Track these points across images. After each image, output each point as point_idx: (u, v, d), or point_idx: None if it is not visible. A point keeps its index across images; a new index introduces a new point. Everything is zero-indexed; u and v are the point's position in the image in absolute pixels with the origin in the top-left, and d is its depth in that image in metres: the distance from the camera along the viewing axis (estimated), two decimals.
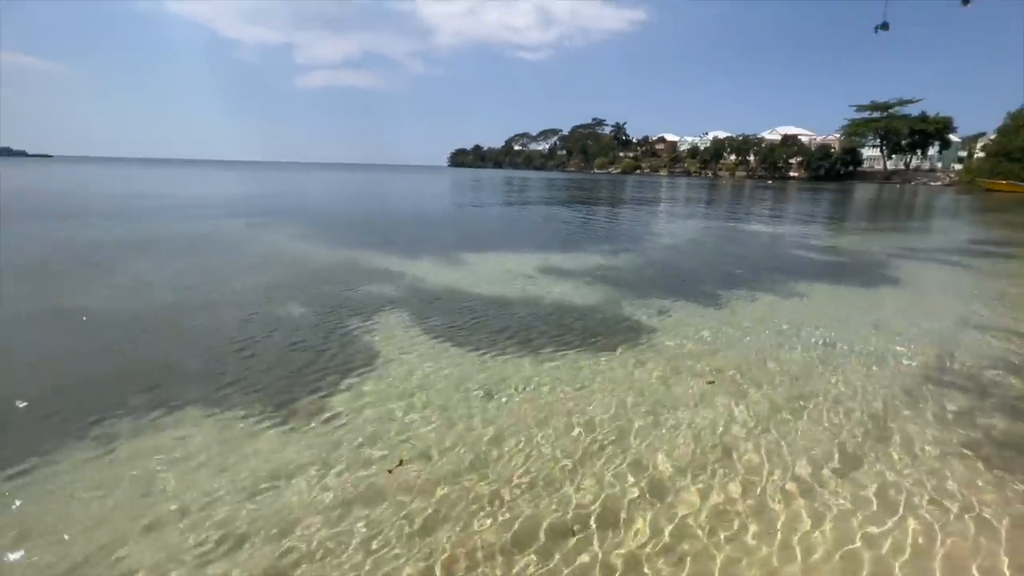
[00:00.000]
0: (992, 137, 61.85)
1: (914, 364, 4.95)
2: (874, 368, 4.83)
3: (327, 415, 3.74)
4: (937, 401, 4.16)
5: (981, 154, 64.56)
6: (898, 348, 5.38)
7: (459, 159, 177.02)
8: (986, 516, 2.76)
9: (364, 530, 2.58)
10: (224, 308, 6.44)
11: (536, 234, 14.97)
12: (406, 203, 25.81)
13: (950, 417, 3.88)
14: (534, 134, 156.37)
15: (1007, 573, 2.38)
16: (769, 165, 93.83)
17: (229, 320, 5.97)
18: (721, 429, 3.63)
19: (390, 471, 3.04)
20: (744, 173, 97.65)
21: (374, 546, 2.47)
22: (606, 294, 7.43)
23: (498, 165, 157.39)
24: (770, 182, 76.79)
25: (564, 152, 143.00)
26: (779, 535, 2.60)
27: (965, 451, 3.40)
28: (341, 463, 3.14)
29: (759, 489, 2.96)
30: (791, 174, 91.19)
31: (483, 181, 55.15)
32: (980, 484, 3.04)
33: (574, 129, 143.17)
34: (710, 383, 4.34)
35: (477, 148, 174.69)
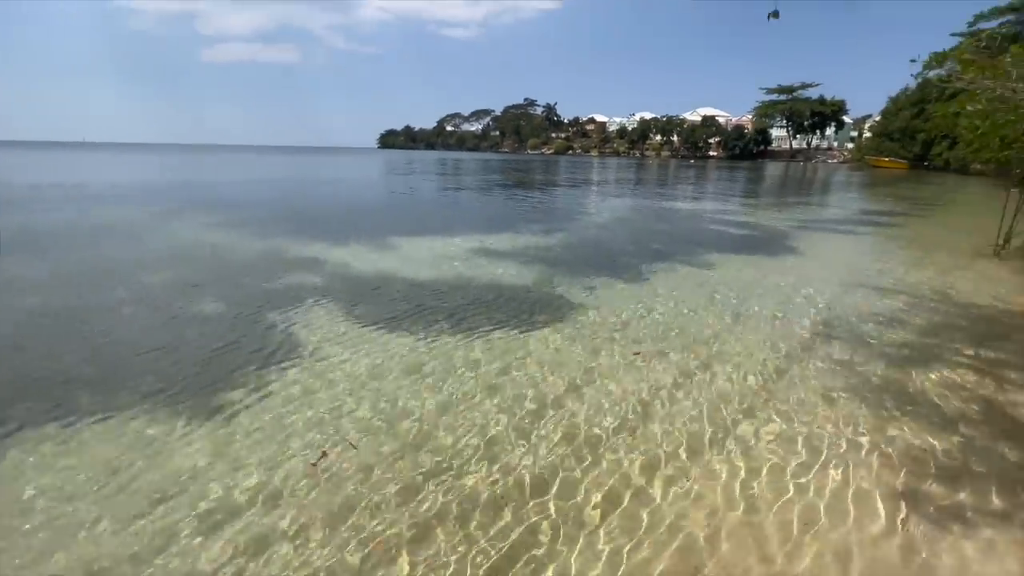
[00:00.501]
0: (877, 119, 69.08)
1: (810, 322, 5.52)
2: (776, 327, 5.33)
3: (245, 412, 3.54)
4: (828, 353, 4.67)
5: (869, 134, 72.06)
6: (797, 309, 5.97)
7: (389, 141, 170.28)
8: (868, 450, 3.17)
9: (287, 526, 2.50)
10: (131, 307, 5.85)
11: (470, 216, 14.86)
12: (333, 187, 24.55)
13: (838, 366, 4.39)
14: (466, 115, 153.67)
15: (882, 501, 2.77)
16: (691, 145, 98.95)
17: (137, 320, 5.45)
18: (646, 395, 3.87)
19: (313, 464, 2.96)
20: (669, 153, 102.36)
21: (299, 542, 2.41)
22: (538, 273, 7.56)
23: (430, 146, 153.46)
24: (692, 161, 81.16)
25: (497, 133, 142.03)
26: (694, 485, 2.84)
27: (851, 394, 3.87)
28: (261, 460, 3.00)
29: (685, 443, 3.20)
30: (711, 153, 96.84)
31: (415, 163, 53.68)
32: (862, 422, 3.48)
33: (506, 109, 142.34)
34: (636, 354, 4.57)
35: (408, 129, 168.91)
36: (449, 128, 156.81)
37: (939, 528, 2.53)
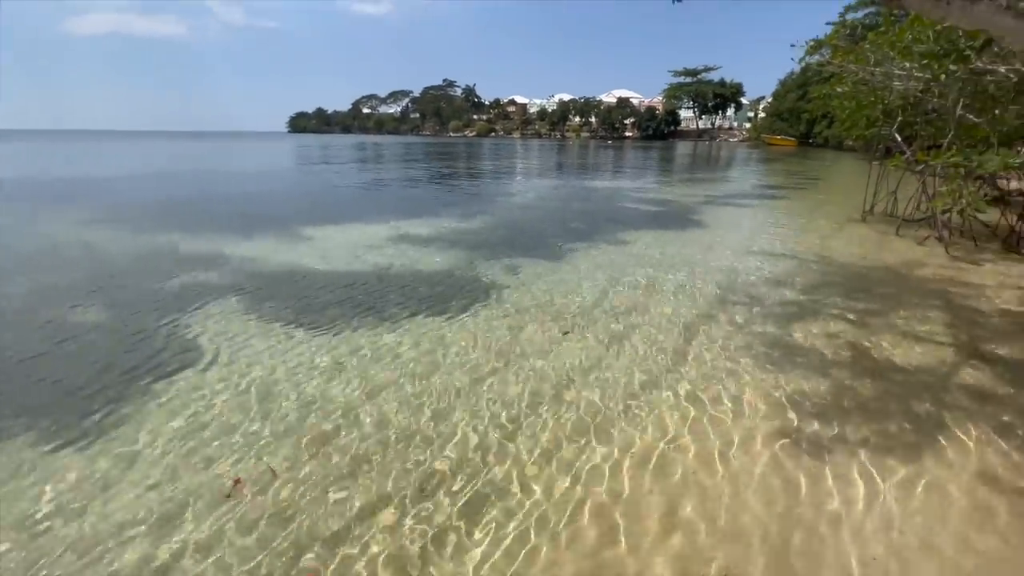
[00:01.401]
0: (769, 100, 75.59)
1: (714, 288, 5.99)
2: (685, 295, 5.73)
3: (135, 432, 3.21)
4: (729, 315, 5.11)
5: (763, 114, 78.75)
6: (703, 277, 6.44)
7: (300, 124, 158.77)
8: (759, 396, 3.52)
9: (193, 559, 2.31)
10: None
11: (390, 203, 14.34)
12: (236, 175, 22.54)
13: (736, 326, 4.81)
14: (383, 96, 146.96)
15: (768, 438, 3.09)
16: (608, 126, 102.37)
17: (3, 333, 4.69)
18: (571, 368, 4.00)
19: (227, 495, 2.75)
20: (588, 134, 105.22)
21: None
22: (460, 257, 7.51)
23: (346, 130, 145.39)
24: (610, 142, 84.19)
25: (417, 115, 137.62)
26: (615, 441, 3.00)
27: (746, 350, 4.26)
28: (161, 483, 2.74)
29: (612, 404, 3.36)
30: (627, 134, 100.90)
31: (331, 148, 50.62)
32: (751, 373, 3.86)
33: (425, 91, 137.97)
34: (565, 334, 4.65)
35: (321, 112, 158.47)
36: (366, 110, 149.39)
37: (811, 457, 2.89)
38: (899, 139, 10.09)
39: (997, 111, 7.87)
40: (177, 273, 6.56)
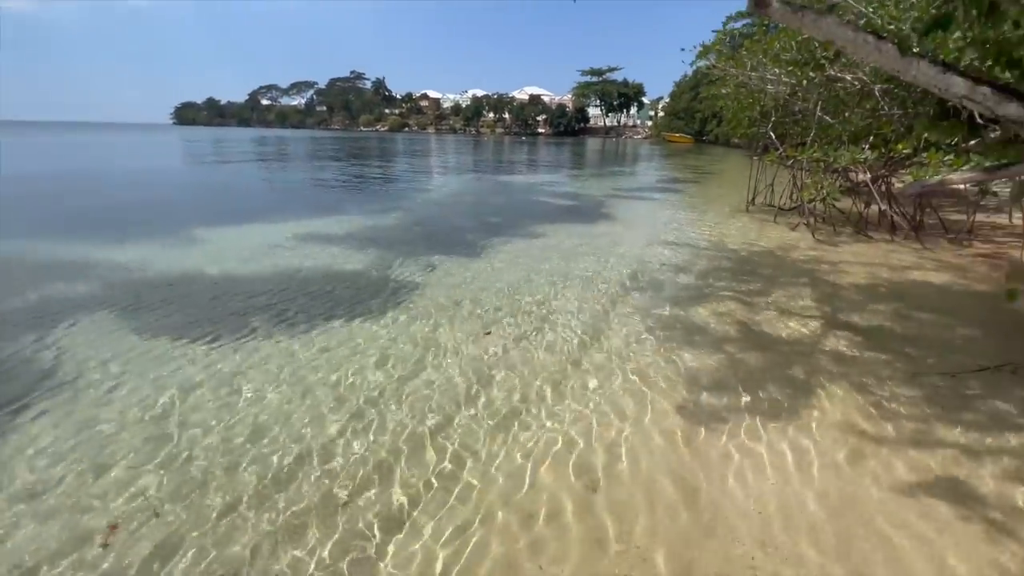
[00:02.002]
0: (668, 100, 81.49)
1: (621, 277, 6.33)
2: (595, 286, 5.99)
3: None
4: (634, 302, 5.43)
5: (663, 113, 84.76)
6: (611, 267, 6.79)
7: (188, 116, 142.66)
8: (660, 374, 3.78)
9: None
10: None
11: (294, 201, 13.39)
12: (108, 173, 19.72)
13: (641, 312, 5.13)
14: (284, 87, 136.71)
15: (667, 413, 3.33)
16: (522, 122, 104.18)
17: None
18: (489, 364, 4.01)
19: (108, 535, 2.41)
20: (502, 130, 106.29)
21: None
22: (374, 256, 7.23)
23: (244, 123, 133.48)
24: (524, 138, 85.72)
25: (324, 108, 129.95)
26: (539, 430, 3.06)
27: (650, 333, 4.56)
28: (18, 542, 2.33)
29: (531, 390, 3.41)
30: (540, 130, 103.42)
31: (225, 142, 46.09)
32: (654, 354, 4.14)
33: (332, 83, 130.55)
34: (487, 334, 4.59)
35: (213, 102, 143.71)
36: (265, 102, 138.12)
37: (707, 425, 3.17)
38: (773, 137, 11.35)
39: (847, 113, 9.13)
40: (33, 288, 5.61)
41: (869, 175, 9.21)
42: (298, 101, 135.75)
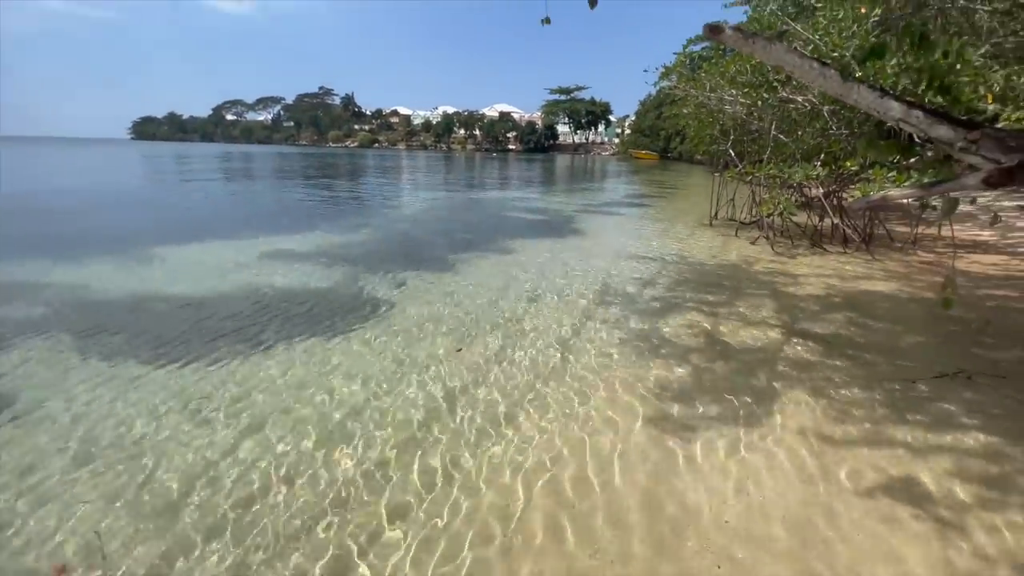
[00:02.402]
0: (633, 118, 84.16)
1: (591, 292, 6.43)
2: (566, 300, 6.07)
3: None
4: (604, 315, 5.52)
5: (629, 131, 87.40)
6: (580, 282, 6.89)
7: (148, 131, 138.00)
8: (630, 386, 3.84)
9: None
10: None
11: (261, 218, 13.09)
12: (59, 189, 18.80)
13: (611, 325, 5.22)
14: (250, 102, 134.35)
15: (637, 423, 3.38)
16: (492, 139, 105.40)
17: None
18: (461, 381, 3.98)
19: None
20: (473, 146, 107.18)
21: None
22: (342, 274, 7.12)
23: (207, 138, 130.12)
24: (494, 154, 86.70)
25: (292, 124, 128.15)
26: (509, 445, 3.05)
27: (620, 345, 4.64)
28: None
29: (502, 406, 3.39)
30: (510, 147, 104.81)
31: (187, 158, 44.63)
32: (623, 367, 4.21)
33: (299, 98, 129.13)
34: (458, 351, 4.55)
35: (174, 117, 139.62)
36: (230, 117, 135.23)
37: (675, 434, 3.24)
38: (732, 154, 11.86)
39: (800, 133, 9.65)
40: None
41: (822, 190, 9.72)
42: (264, 117, 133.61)
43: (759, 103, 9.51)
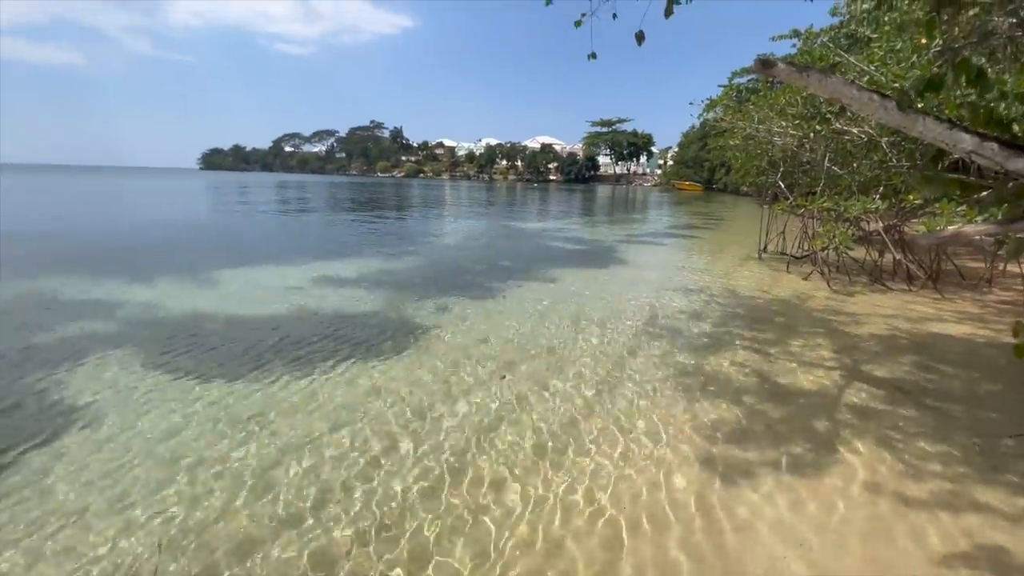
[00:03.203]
0: (676, 150, 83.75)
1: (635, 324, 6.30)
2: (609, 331, 5.96)
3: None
4: (649, 349, 5.37)
5: (671, 162, 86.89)
6: (625, 313, 6.77)
7: (215, 161, 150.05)
8: (679, 426, 3.68)
9: None
10: None
11: (311, 243, 13.76)
12: (134, 213, 20.56)
13: (657, 359, 5.06)
14: (307, 135, 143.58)
15: (687, 467, 3.22)
16: (534, 169, 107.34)
17: None
18: (504, 409, 3.95)
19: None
20: (514, 176, 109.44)
21: None
22: (388, 298, 7.31)
23: (267, 168, 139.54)
24: (535, 184, 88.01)
25: (344, 155, 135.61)
26: (553, 481, 2.97)
27: (666, 382, 4.48)
28: None
29: (546, 440, 3.33)
30: (551, 177, 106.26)
31: (250, 187, 47.92)
32: (671, 405, 4.04)
33: (352, 131, 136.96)
34: (503, 378, 4.53)
35: (238, 149, 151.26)
36: (288, 149, 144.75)
37: (729, 481, 3.05)
38: (782, 186, 11.51)
39: (856, 164, 9.28)
40: (56, 326, 5.75)
41: (881, 224, 9.23)
42: (319, 148, 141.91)
43: (811, 135, 9.25)
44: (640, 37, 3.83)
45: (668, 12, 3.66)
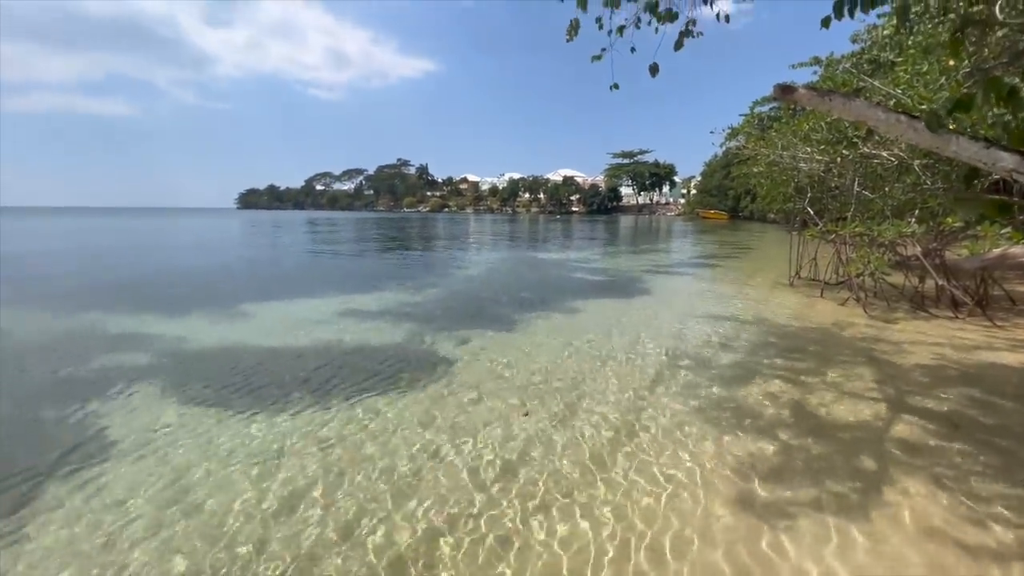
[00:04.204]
0: (699, 179, 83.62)
1: (661, 354, 6.11)
2: (635, 362, 5.79)
3: (38, 537, 2.71)
4: (677, 380, 5.18)
5: (695, 191, 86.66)
6: (651, 343, 6.59)
7: (251, 200, 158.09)
8: (711, 461, 3.48)
9: None
10: None
11: (338, 276, 14.09)
12: (174, 250, 21.60)
13: (686, 391, 4.86)
14: (337, 173, 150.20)
15: (721, 507, 3.02)
16: (556, 201, 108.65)
17: None
18: (528, 442, 3.84)
19: None
20: (537, 209, 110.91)
21: None
22: (410, 331, 7.34)
23: (299, 206, 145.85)
24: (558, 216, 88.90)
25: (372, 192, 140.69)
26: (579, 516, 2.82)
27: (696, 414, 4.28)
28: None
29: (572, 477, 3.19)
30: (573, 209, 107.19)
31: (282, 224, 50.01)
32: (703, 440, 3.84)
33: (380, 169, 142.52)
34: (525, 415, 4.36)
35: (272, 188, 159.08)
36: (319, 187, 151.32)
37: (767, 522, 2.83)
38: (811, 212, 11.25)
39: (887, 188, 9.02)
40: (94, 356, 5.97)
41: (919, 248, 8.85)
42: (348, 186, 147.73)
43: (838, 159, 9.08)
44: (654, 69, 3.88)
45: (678, 45, 3.71)
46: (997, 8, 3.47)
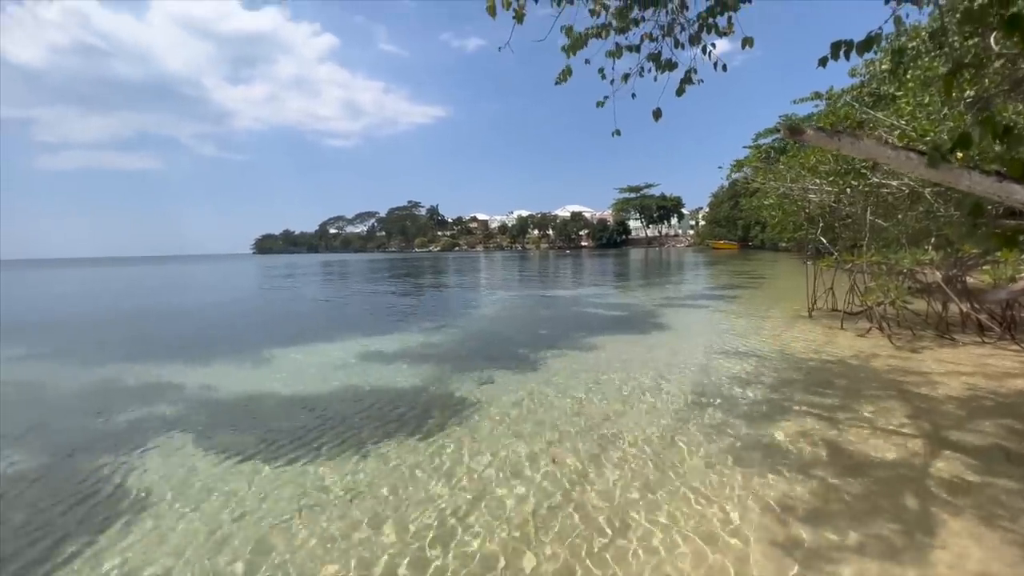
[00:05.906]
0: (707, 210, 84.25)
1: (684, 392, 6.04)
2: (658, 401, 5.72)
3: None
4: (702, 419, 5.10)
5: (703, 222, 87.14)
6: (673, 381, 6.52)
7: (267, 245, 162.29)
8: (745, 503, 3.39)
9: None
10: None
11: (354, 320, 14.24)
12: (193, 298, 22.10)
13: (712, 430, 4.78)
14: (350, 217, 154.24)
15: (760, 554, 2.92)
16: (565, 237, 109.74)
17: None
18: (554, 487, 3.79)
19: None
20: (547, 245, 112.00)
21: None
22: (429, 373, 7.36)
23: (313, 249, 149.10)
24: (568, 252, 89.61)
25: (383, 233, 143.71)
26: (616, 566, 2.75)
27: (725, 455, 4.19)
28: None
29: (603, 525, 3.12)
30: (583, 244, 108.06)
31: (297, 267, 51.07)
32: (734, 482, 3.76)
33: (391, 211, 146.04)
34: (554, 461, 4.26)
35: (287, 233, 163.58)
36: (332, 230, 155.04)
37: (809, 569, 2.73)
38: (824, 241, 11.24)
39: (900, 216, 9.03)
40: (120, 409, 6.08)
41: (939, 275, 8.75)
42: (361, 228, 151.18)
43: (847, 190, 9.16)
44: (657, 114, 4.05)
45: (680, 91, 3.89)
46: (992, 40, 3.60)
